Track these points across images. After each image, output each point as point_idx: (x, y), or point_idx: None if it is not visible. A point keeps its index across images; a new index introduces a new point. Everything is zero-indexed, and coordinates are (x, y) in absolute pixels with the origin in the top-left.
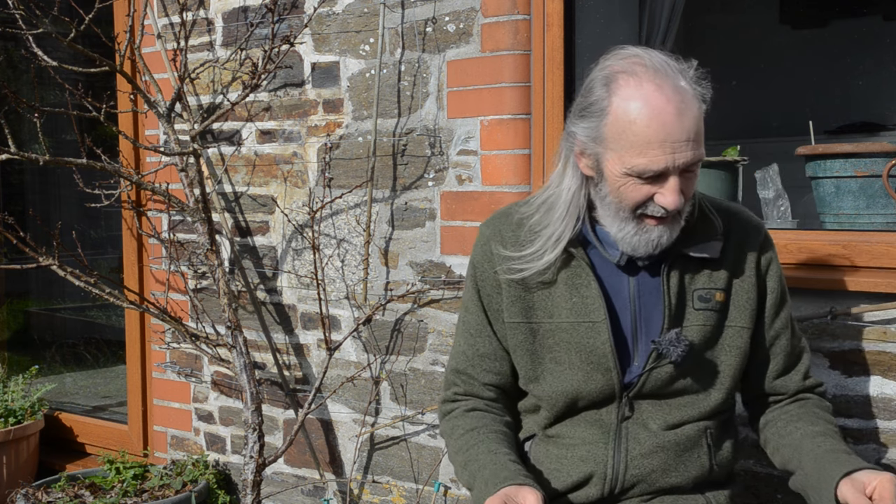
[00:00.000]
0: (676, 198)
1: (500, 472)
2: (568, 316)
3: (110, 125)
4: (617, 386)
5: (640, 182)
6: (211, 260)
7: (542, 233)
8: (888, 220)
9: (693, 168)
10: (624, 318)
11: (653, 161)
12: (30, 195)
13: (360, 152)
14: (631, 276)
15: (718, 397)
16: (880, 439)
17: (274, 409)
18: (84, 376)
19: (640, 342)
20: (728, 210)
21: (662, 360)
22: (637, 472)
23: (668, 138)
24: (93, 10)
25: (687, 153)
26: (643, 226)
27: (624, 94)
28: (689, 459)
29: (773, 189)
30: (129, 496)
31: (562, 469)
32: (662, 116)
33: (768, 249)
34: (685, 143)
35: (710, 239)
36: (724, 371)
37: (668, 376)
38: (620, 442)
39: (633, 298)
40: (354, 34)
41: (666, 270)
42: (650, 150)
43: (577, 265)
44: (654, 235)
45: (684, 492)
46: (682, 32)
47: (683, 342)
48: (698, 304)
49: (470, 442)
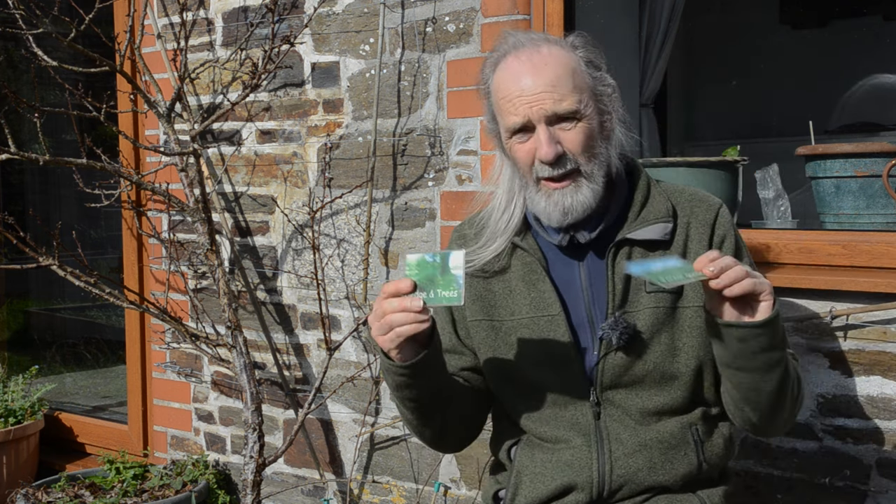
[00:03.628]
0: (547, 148)
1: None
2: (528, 311)
3: (110, 125)
4: (581, 377)
5: (520, 141)
6: (211, 260)
7: (489, 222)
8: (888, 220)
9: (568, 119)
10: (579, 308)
11: (515, 114)
12: (30, 195)
13: (360, 152)
14: (580, 262)
15: (687, 381)
16: (880, 439)
17: (274, 409)
18: (84, 376)
19: (595, 331)
20: (681, 193)
21: (611, 346)
22: (623, 473)
23: (524, 92)
24: (93, 10)
25: (545, 103)
26: (545, 191)
27: (497, 70)
28: (676, 457)
29: (773, 189)
30: (129, 496)
31: (546, 474)
32: (518, 75)
33: (723, 226)
34: (542, 93)
35: (658, 221)
36: (686, 352)
37: (623, 362)
38: (603, 443)
39: (585, 287)
40: (354, 34)
41: (611, 255)
42: (511, 106)
43: (530, 260)
44: (557, 198)
45: (674, 491)
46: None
47: (622, 325)
48: (650, 286)
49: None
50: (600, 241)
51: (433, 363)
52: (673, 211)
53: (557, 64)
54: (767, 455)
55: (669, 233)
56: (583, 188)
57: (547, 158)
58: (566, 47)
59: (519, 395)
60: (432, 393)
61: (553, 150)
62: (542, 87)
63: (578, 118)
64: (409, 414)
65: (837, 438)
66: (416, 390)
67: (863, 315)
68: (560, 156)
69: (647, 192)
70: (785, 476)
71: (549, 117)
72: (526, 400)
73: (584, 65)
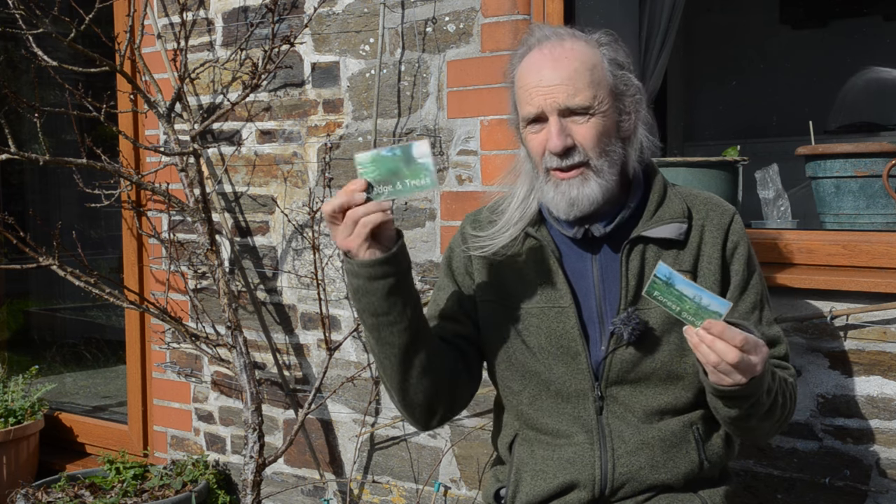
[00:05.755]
0: (556, 139)
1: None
2: (538, 301)
3: (110, 125)
4: (586, 370)
5: (533, 131)
6: (211, 260)
7: (507, 209)
8: (888, 220)
9: (580, 114)
10: (590, 301)
11: (530, 104)
12: (30, 195)
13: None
14: (594, 256)
15: (692, 381)
16: (880, 439)
17: (274, 409)
18: (84, 376)
19: (604, 325)
20: (697, 196)
21: (622, 341)
22: (625, 471)
23: (540, 83)
24: (93, 10)
25: (558, 96)
26: (554, 181)
27: (521, 64)
28: (678, 455)
29: (773, 189)
30: (129, 496)
31: (548, 471)
32: (537, 66)
33: (736, 233)
34: (557, 86)
35: (673, 221)
36: (692, 352)
37: (631, 358)
38: (605, 441)
39: (597, 282)
40: (354, 34)
41: (626, 251)
42: (529, 96)
43: (544, 251)
44: (564, 189)
45: (676, 490)
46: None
47: (634, 320)
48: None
49: None
50: (615, 237)
51: (399, 263)
52: (688, 212)
53: (577, 58)
54: (767, 455)
55: (684, 233)
56: (590, 181)
57: (555, 149)
58: (591, 43)
59: (521, 382)
60: (397, 308)
61: (561, 142)
62: (559, 80)
63: (591, 113)
64: (371, 338)
65: (837, 438)
66: (380, 298)
67: (863, 315)
68: (569, 148)
69: (664, 192)
70: (785, 476)
71: (562, 110)
72: (528, 387)
73: (607, 62)
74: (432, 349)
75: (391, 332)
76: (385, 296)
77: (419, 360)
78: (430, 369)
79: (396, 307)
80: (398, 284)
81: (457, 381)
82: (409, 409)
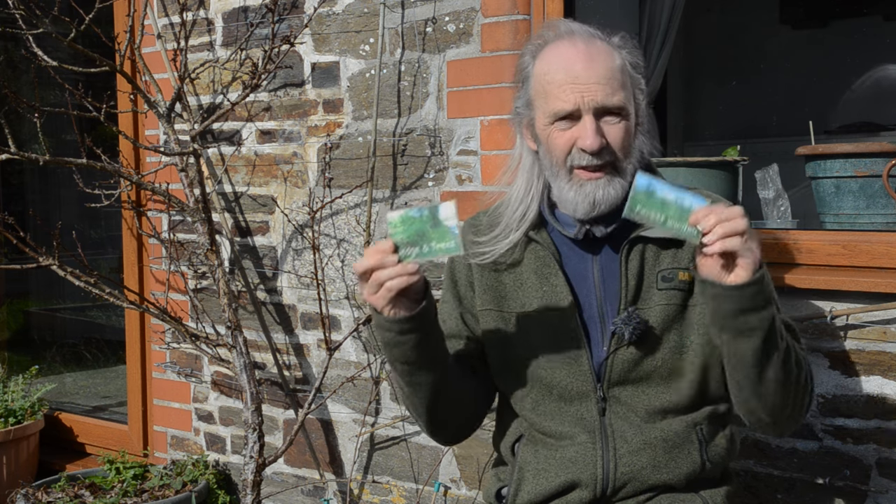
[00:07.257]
0: (594, 139)
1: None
2: (538, 304)
3: (110, 125)
4: (588, 371)
5: (561, 128)
6: (211, 260)
7: (505, 213)
8: (888, 220)
9: (614, 114)
10: (591, 302)
11: (564, 101)
12: (30, 195)
13: (360, 152)
14: (594, 257)
15: (693, 379)
16: (880, 439)
17: (274, 409)
18: (84, 376)
19: (606, 326)
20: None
21: (623, 341)
22: (626, 471)
23: (576, 80)
24: (93, 10)
25: (597, 94)
26: (577, 180)
27: (542, 56)
28: (680, 456)
29: (773, 189)
30: (129, 496)
31: (550, 470)
32: (571, 61)
33: None
34: (595, 84)
35: None
36: (693, 350)
37: (633, 357)
38: (608, 441)
39: (598, 283)
40: (354, 34)
41: (626, 251)
42: (561, 92)
43: (544, 254)
44: (589, 189)
45: (678, 490)
46: (682, 32)
47: (635, 320)
48: (661, 283)
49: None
50: (614, 237)
51: (427, 318)
52: None
53: (610, 58)
54: (767, 455)
55: None
56: (615, 183)
57: (592, 148)
58: (613, 45)
59: (524, 388)
60: (426, 356)
61: (598, 142)
62: (596, 77)
63: (624, 115)
64: (401, 380)
65: (837, 438)
66: (409, 349)
67: (863, 315)
68: (603, 148)
69: None
70: (785, 476)
71: (598, 109)
72: (531, 392)
73: (629, 65)
74: (456, 376)
75: (421, 374)
76: (415, 346)
77: (446, 392)
78: (456, 397)
79: (427, 354)
80: (427, 336)
81: (476, 399)
82: (435, 433)
